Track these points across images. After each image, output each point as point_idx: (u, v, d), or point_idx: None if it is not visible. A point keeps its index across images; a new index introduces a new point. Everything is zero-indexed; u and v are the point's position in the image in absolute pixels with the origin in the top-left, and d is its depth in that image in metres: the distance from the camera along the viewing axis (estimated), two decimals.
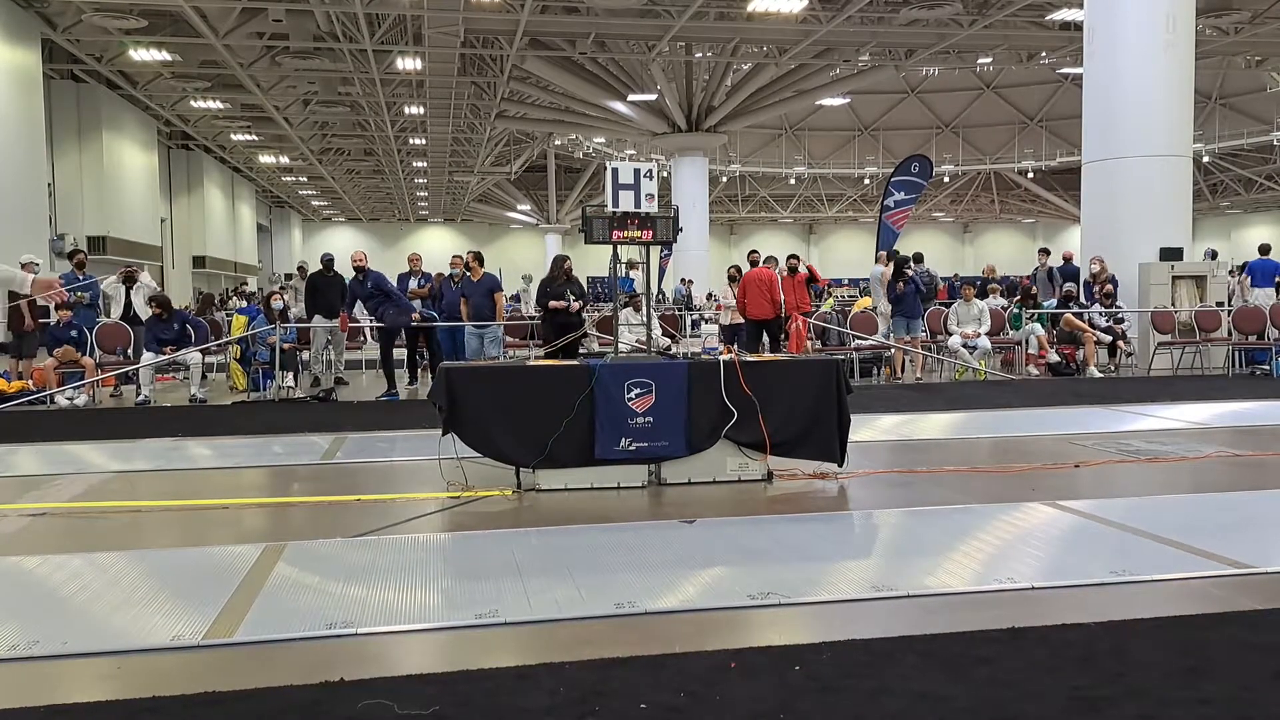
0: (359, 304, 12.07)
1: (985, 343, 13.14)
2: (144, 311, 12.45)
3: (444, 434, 6.05)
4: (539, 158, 44.98)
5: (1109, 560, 4.36)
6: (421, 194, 50.02)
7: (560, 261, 11.68)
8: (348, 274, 12.33)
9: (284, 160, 39.86)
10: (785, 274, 13.82)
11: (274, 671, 3.21)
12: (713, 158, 38.48)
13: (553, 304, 11.20)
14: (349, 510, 5.74)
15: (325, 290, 12.74)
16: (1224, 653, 3.25)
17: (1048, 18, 22.21)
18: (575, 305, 11.21)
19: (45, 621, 3.70)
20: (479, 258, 12.65)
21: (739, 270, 13.95)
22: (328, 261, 13.13)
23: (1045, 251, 16.59)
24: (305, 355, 13.18)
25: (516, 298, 34.54)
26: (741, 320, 13.52)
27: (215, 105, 28.84)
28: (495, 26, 21.45)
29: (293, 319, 13.57)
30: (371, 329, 12.78)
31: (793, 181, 50.55)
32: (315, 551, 4.72)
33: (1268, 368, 13.43)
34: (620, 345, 7.33)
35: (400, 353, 14.20)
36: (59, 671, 3.29)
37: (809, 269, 13.93)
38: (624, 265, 13.00)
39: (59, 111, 24.79)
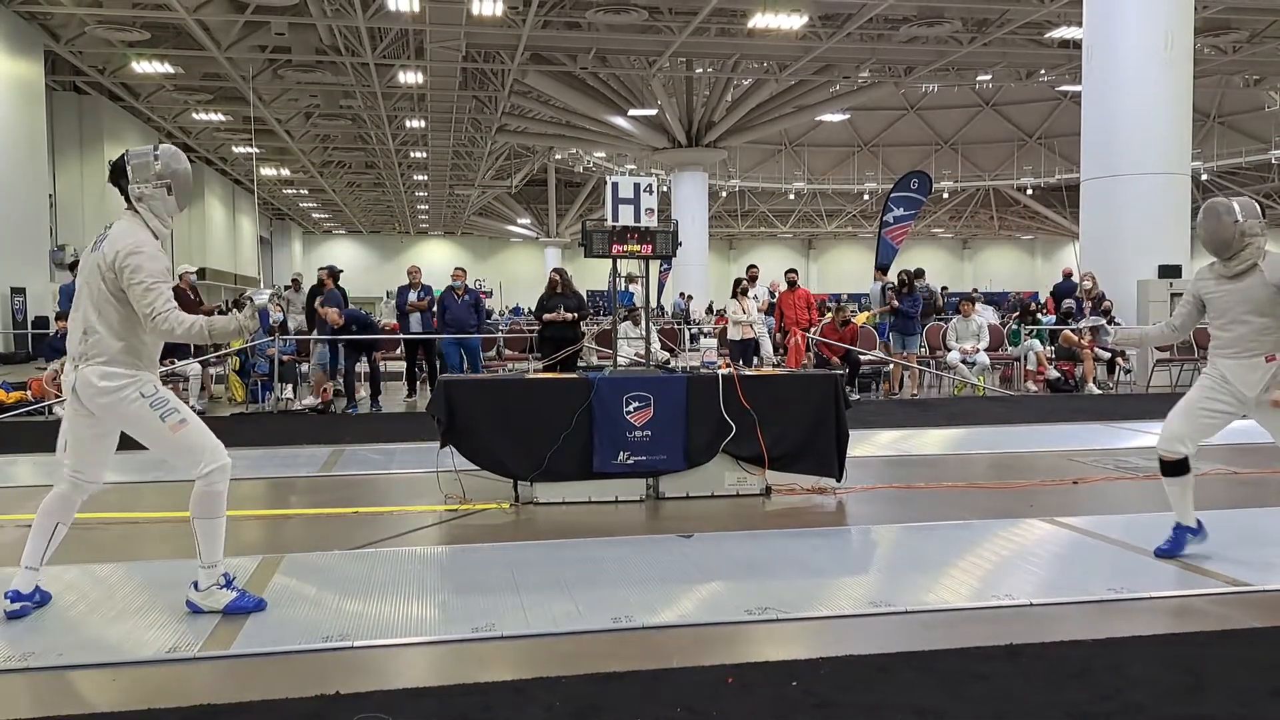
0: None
1: (984, 358, 13.15)
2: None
3: (442, 446, 6.05)
4: (539, 172, 45.10)
5: (1107, 577, 4.35)
6: (422, 207, 50.11)
7: (551, 274, 12.02)
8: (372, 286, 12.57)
9: (285, 173, 39.95)
10: (784, 289, 13.86)
11: (270, 684, 3.20)
12: (712, 173, 38.58)
13: (547, 316, 11.51)
14: (346, 522, 5.74)
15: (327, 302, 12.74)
16: (1222, 670, 3.25)
17: (1046, 36, 22.32)
18: (567, 316, 11.38)
19: (41, 633, 3.69)
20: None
21: (749, 283, 13.94)
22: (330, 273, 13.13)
23: (883, 270, 16.60)
24: (304, 367, 13.17)
25: (517, 310, 34.65)
26: (753, 336, 13.48)
27: (217, 117, 28.93)
28: (497, 41, 21.54)
29: (291, 330, 13.57)
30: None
31: (792, 197, 50.67)
32: (312, 564, 4.71)
33: None
34: (619, 358, 7.34)
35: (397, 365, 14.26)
36: (54, 683, 3.28)
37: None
38: (623, 279, 13.07)
39: (61, 123, 24.88)
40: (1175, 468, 4.65)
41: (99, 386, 3.74)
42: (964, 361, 13.13)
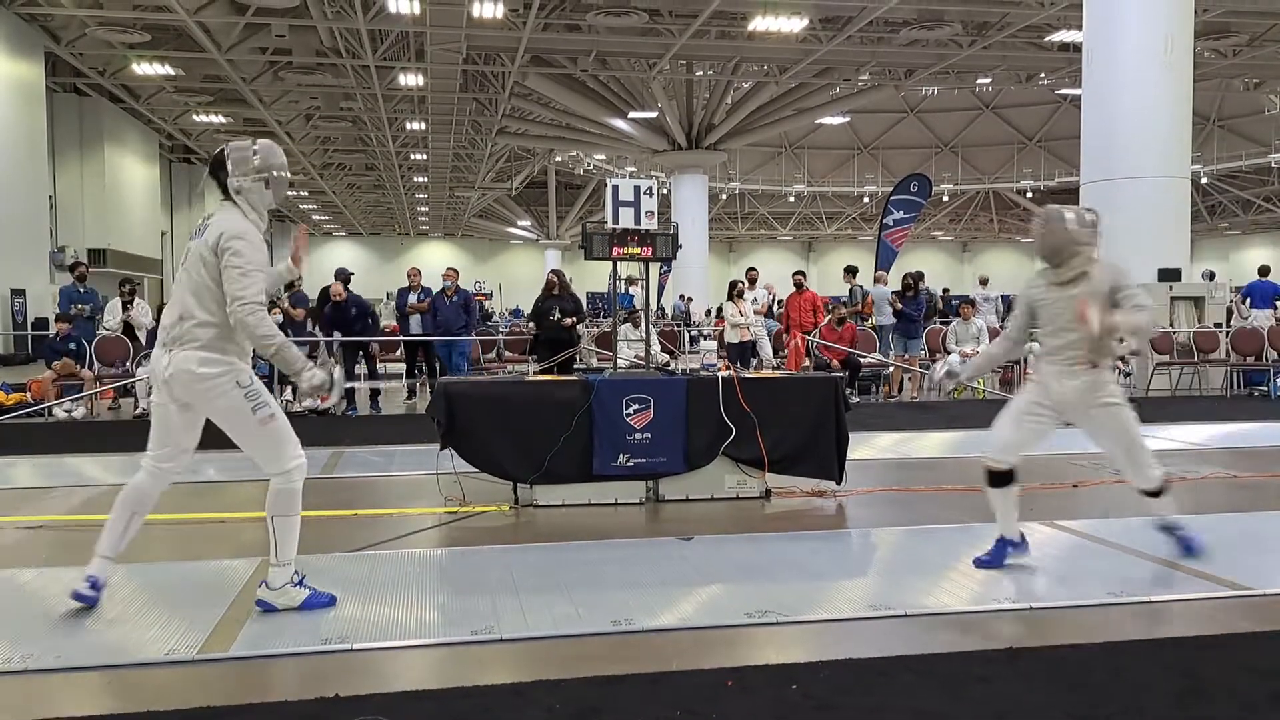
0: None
1: None
2: (146, 324, 12.45)
3: (442, 449, 6.04)
4: (539, 174, 45.08)
5: (1106, 581, 4.35)
6: (422, 209, 50.09)
7: (549, 275, 12.09)
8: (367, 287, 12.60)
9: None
10: (788, 291, 13.89)
11: (269, 687, 3.20)
12: (712, 175, 38.57)
13: (529, 324, 11.69)
14: (346, 525, 5.73)
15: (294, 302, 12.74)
16: (1221, 674, 3.24)
17: (1046, 39, 22.32)
18: (567, 322, 11.42)
19: (39, 635, 3.69)
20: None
21: (747, 285, 13.94)
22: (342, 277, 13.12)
23: (852, 274, 16.53)
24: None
25: (517, 312, 34.67)
26: (750, 338, 13.46)
27: (217, 119, 28.91)
28: (497, 43, 21.54)
29: (289, 334, 13.57)
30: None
31: (792, 199, 50.66)
32: (312, 566, 4.69)
33: (1265, 389, 13.44)
34: (619, 361, 7.34)
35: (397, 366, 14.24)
36: (52, 685, 3.28)
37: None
38: (624, 281, 13.08)
39: (61, 124, 24.87)
40: (1001, 479, 4.65)
41: (199, 373, 3.76)
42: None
